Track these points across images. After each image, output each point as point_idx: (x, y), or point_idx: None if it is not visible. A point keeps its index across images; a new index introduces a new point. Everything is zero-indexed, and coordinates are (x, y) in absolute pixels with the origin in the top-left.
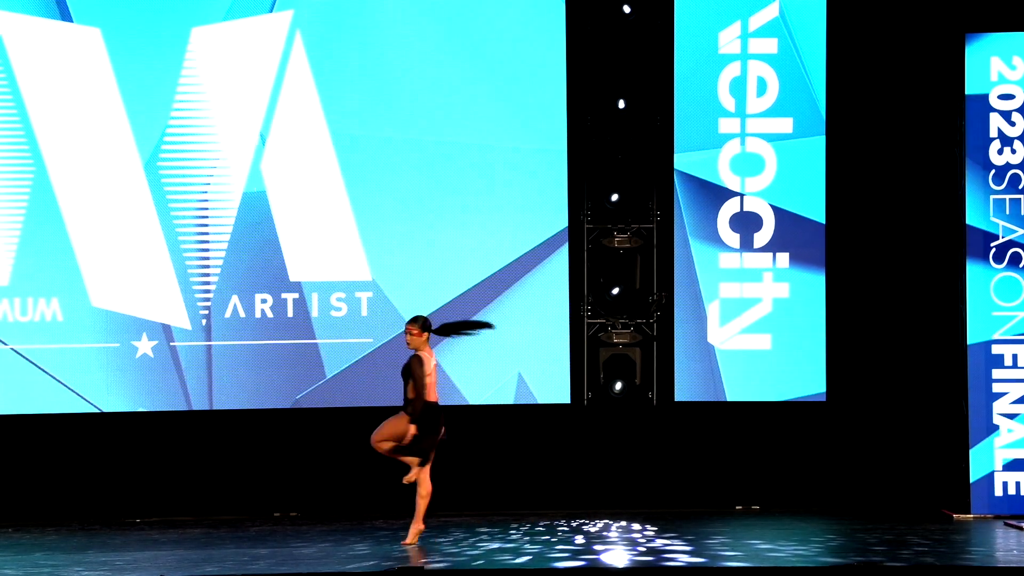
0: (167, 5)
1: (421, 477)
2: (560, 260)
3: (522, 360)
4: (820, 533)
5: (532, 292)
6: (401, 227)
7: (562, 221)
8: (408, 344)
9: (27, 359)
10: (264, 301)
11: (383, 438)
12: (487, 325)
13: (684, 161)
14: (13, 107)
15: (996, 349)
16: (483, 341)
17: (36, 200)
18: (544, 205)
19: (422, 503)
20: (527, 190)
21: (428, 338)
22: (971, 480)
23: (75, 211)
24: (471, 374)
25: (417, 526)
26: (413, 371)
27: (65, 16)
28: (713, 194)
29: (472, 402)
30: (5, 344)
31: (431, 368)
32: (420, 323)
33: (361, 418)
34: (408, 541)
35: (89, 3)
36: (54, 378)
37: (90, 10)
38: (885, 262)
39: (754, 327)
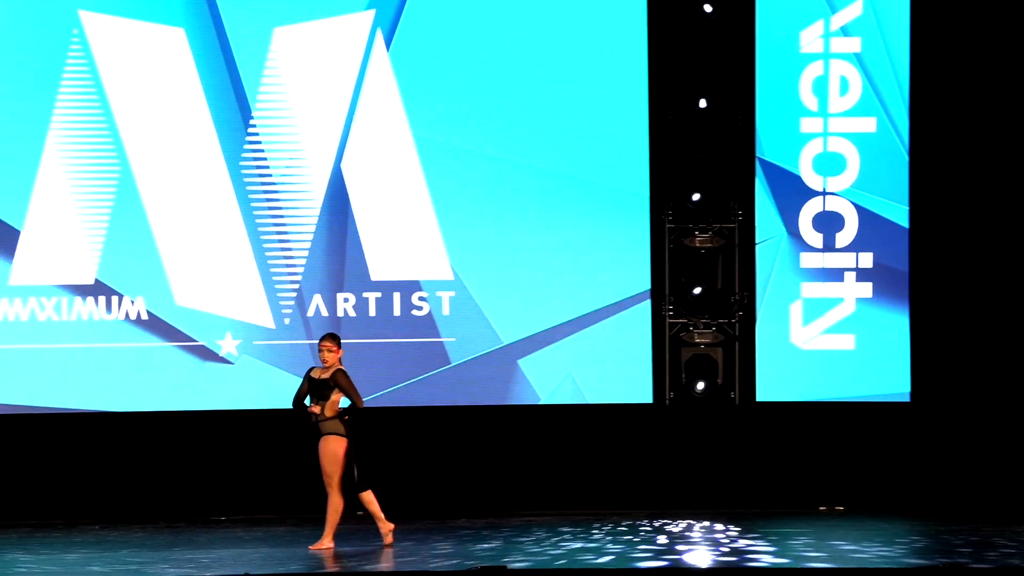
0: (250, 5)
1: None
2: (642, 259)
3: (604, 360)
4: (904, 534)
5: (613, 291)
6: (483, 225)
7: (644, 220)
8: (330, 361)
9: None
10: (347, 300)
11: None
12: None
13: (766, 160)
14: (99, 107)
15: None
16: (564, 341)
17: (121, 200)
18: (626, 204)
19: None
20: (609, 190)
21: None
22: None
23: (159, 210)
24: (552, 374)
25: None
26: (349, 383)
27: (149, 16)
28: (795, 193)
29: (554, 402)
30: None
31: None
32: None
33: (441, 418)
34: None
35: (173, 3)
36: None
37: (174, 10)
38: (970, 259)
39: (837, 327)
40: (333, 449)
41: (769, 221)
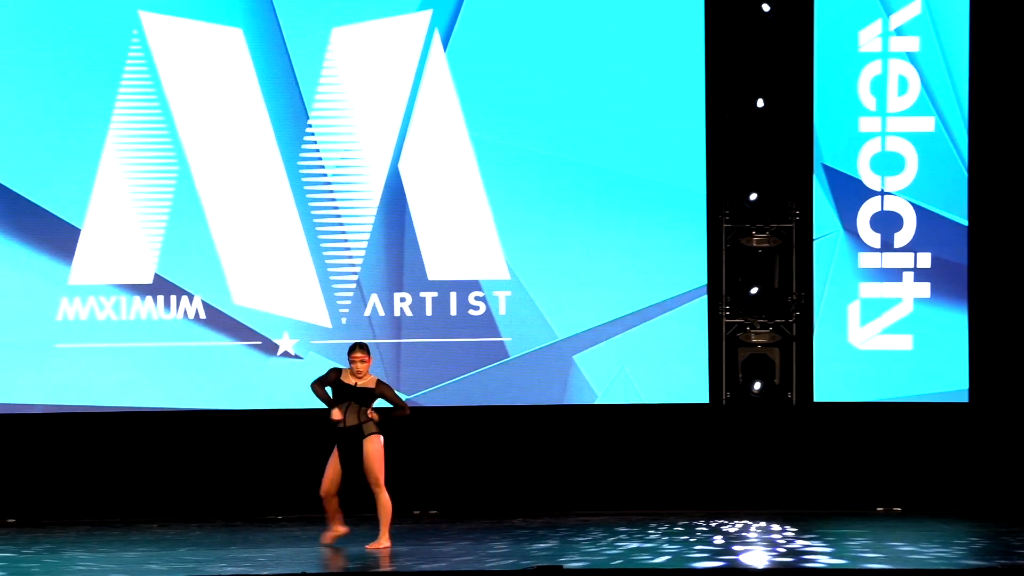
0: (308, 5)
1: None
2: (698, 259)
3: (660, 360)
4: (963, 535)
5: (669, 291)
6: (539, 225)
7: (700, 220)
8: (364, 371)
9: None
10: (403, 300)
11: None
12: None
13: (823, 160)
14: (157, 106)
15: None
16: (620, 337)
17: (179, 200)
18: (682, 204)
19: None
20: (666, 189)
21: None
22: None
23: (218, 210)
24: (608, 370)
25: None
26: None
27: (208, 17)
28: (853, 193)
29: (609, 398)
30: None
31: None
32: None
33: (498, 417)
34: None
35: (232, 4)
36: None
37: (232, 11)
38: None
39: (895, 327)
40: (375, 448)
41: (827, 220)
